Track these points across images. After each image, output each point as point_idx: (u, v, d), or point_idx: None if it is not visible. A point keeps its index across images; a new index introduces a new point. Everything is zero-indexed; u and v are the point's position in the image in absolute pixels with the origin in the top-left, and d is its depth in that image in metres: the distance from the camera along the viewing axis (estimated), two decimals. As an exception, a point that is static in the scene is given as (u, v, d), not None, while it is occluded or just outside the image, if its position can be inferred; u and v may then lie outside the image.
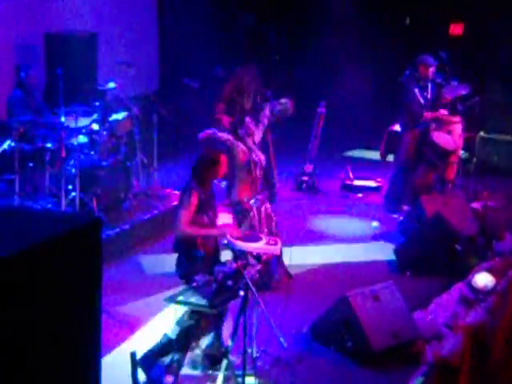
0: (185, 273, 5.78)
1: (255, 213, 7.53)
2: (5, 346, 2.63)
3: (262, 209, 7.63)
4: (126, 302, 7.07)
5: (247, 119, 7.78)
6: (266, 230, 7.47)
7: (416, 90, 9.65)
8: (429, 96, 9.74)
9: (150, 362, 5.62)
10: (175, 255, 5.96)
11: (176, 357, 5.58)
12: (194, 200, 5.73)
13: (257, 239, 6.10)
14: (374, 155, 11.41)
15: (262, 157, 7.90)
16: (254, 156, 7.71)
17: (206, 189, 5.87)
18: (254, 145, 7.76)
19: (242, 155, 8.04)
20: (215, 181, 6.25)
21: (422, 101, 9.67)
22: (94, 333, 3.12)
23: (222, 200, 9.19)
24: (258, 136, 8.17)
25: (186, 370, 5.81)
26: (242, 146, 7.62)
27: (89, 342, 3.09)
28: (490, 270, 6.83)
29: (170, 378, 5.56)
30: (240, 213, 7.51)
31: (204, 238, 5.86)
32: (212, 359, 5.81)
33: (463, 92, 9.86)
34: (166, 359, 5.59)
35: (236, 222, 7.49)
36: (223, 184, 9.67)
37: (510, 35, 11.95)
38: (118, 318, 6.66)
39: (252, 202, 7.52)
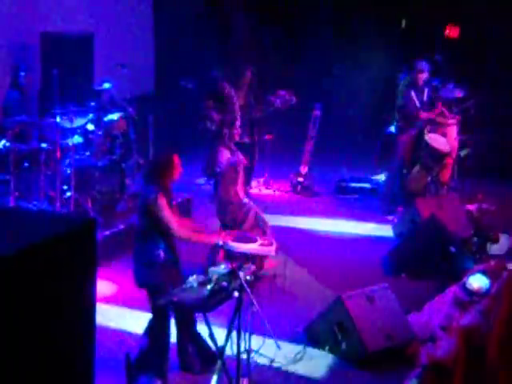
0: (145, 281, 5.72)
1: (257, 211, 7.56)
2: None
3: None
4: (120, 303, 7.07)
5: (238, 123, 7.78)
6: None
7: (412, 93, 9.69)
8: (425, 99, 9.78)
9: (134, 375, 5.59)
10: (134, 261, 5.87)
11: (156, 363, 5.56)
12: (164, 201, 5.56)
13: (252, 240, 6.11)
14: (369, 157, 11.44)
15: (241, 157, 7.91)
16: (238, 156, 7.71)
17: (167, 194, 5.75)
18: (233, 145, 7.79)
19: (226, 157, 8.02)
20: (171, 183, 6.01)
21: (417, 103, 9.70)
22: (89, 333, 3.12)
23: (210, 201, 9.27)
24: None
25: (179, 372, 5.82)
26: (223, 148, 7.62)
27: (83, 341, 3.09)
28: (484, 272, 6.83)
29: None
30: (243, 211, 7.50)
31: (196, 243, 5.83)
32: (206, 360, 5.81)
33: (459, 94, 9.89)
34: (148, 370, 5.58)
35: (238, 220, 7.44)
36: (202, 181, 9.81)
37: (506, 38, 11.97)
38: (112, 319, 6.66)
39: (246, 200, 7.51)
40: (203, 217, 8.36)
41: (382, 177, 10.73)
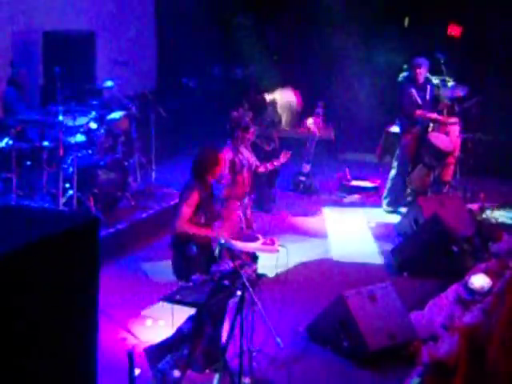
0: (182, 273, 5.79)
1: (241, 215, 7.50)
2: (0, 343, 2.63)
3: (247, 212, 7.64)
4: (122, 301, 7.07)
5: (252, 129, 7.73)
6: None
7: (413, 91, 9.68)
8: (427, 97, 9.77)
9: (158, 354, 5.62)
10: (172, 254, 5.97)
11: (186, 352, 5.58)
12: (196, 198, 5.75)
13: (254, 239, 6.12)
14: (372, 156, 11.44)
15: (251, 159, 7.83)
16: (240, 157, 7.63)
17: (206, 188, 5.89)
18: (244, 148, 7.67)
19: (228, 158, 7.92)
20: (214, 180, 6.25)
21: (419, 101, 9.69)
22: (91, 332, 3.12)
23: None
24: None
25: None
26: (228, 149, 7.52)
27: (86, 340, 3.09)
28: (486, 272, 6.84)
29: (177, 373, 5.56)
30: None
31: (198, 237, 5.86)
32: (208, 358, 5.81)
33: (461, 93, 9.88)
34: (176, 354, 5.59)
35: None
36: None
37: (508, 36, 11.96)
38: (114, 317, 6.66)
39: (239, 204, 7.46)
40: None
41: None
